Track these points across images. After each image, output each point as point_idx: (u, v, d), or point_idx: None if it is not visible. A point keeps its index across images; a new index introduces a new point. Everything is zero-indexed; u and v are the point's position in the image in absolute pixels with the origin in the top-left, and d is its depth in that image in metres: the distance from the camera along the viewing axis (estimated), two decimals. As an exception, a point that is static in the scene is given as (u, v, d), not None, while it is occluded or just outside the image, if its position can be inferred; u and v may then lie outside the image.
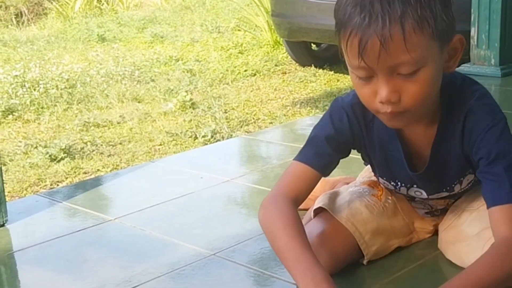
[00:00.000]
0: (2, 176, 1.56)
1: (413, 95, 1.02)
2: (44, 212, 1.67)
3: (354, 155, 1.29)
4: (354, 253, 1.29)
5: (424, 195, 1.28)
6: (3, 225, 1.58)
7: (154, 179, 1.92)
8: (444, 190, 1.25)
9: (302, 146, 1.23)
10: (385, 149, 1.20)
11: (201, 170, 1.94)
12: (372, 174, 1.42)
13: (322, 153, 1.18)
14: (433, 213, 1.36)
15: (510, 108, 2.47)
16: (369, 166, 1.47)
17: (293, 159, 1.20)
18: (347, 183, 1.49)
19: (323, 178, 1.64)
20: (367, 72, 1.02)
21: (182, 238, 1.47)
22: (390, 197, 1.35)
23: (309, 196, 1.55)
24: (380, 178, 1.32)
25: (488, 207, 1.08)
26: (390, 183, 1.28)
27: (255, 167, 1.97)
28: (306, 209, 1.46)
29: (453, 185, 1.24)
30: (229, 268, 1.33)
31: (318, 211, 1.31)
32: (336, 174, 1.53)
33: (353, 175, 1.56)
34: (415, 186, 1.26)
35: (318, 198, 1.36)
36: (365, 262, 1.29)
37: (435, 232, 1.37)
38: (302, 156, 1.19)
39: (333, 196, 1.34)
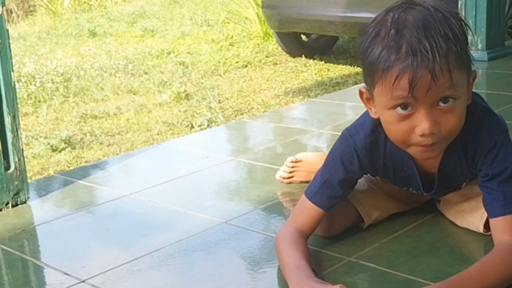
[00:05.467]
0: (23, 156, 1.66)
1: (452, 126, 1.13)
2: (63, 190, 1.78)
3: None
4: (354, 218, 1.41)
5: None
6: (25, 202, 1.68)
7: (163, 159, 2.03)
8: (452, 191, 1.38)
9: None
10: (399, 170, 1.31)
11: (206, 150, 2.06)
12: None
13: (334, 196, 1.29)
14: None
15: (497, 89, 2.62)
16: None
17: (306, 195, 1.30)
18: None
19: (323, 153, 1.77)
20: (407, 106, 1.10)
21: (195, 209, 1.59)
22: None
23: (310, 169, 1.68)
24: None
25: (489, 218, 1.22)
26: (402, 188, 1.39)
27: (256, 146, 2.09)
28: (308, 182, 1.57)
29: (461, 186, 1.36)
30: (241, 233, 1.45)
31: None
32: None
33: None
34: (426, 193, 1.37)
35: None
36: (364, 227, 1.42)
37: (431, 199, 1.49)
38: (316, 199, 1.28)
39: None
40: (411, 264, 1.25)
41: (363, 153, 1.27)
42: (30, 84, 4.65)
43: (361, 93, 1.22)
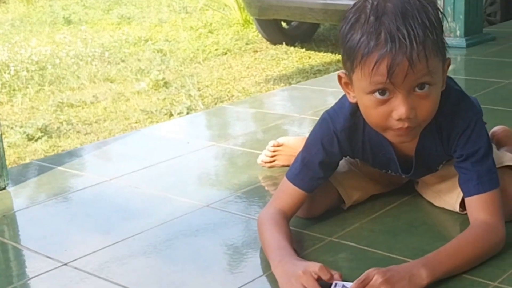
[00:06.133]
0: (2, 142, 1.64)
1: (427, 112, 1.16)
2: (42, 176, 1.76)
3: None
4: (335, 200, 1.43)
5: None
6: (4, 188, 1.66)
7: (142, 145, 2.02)
8: (429, 173, 1.41)
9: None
10: (378, 153, 1.34)
11: (186, 136, 2.05)
12: None
13: (315, 177, 1.31)
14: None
15: (475, 75, 2.66)
16: None
17: (287, 177, 1.31)
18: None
19: (304, 137, 1.78)
20: (385, 91, 1.13)
21: (176, 194, 1.59)
22: None
23: (291, 153, 1.69)
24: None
25: (464, 197, 1.26)
26: (381, 171, 1.42)
27: (237, 132, 2.10)
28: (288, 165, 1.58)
29: (437, 168, 1.39)
30: (222, 216, 1.46)
31: None
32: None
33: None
34: (404, 175, 1.40)
35: None
36: (345, 208, 1.44)
37: (409, 181, 1.52)
38: (298, 181, 1.30)
39: None
40: (390, 242, 1.28)
41: (342, 136, 1.29)
42: (4, 72, 4.58)
43: (339, 77, 1.24)
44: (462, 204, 1.33)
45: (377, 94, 1.14)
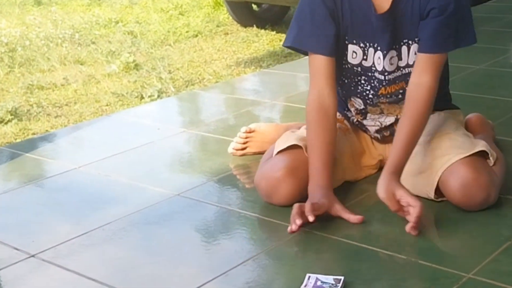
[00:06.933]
0: (-35, 129, 1.59)
1: None
2: (10, 163, 1.72)
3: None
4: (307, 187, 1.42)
5: (381, 59, 1.41)
6: (-31, 177, 1.62)
7: (113, 131, 1.99)
8: (395, 46, 1.40)
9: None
10: (356, 7, 1.37)
11: (157, 122, 2.02)
12: None
13: (328, 34, 1.37)
14: (382, 132, 1.50)
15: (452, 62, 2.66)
16: None
17: (309, 51, 1.39)
18: (299, 128, 1.61)
19: (276, 124, 1.77)
20: None
21: (147, 182, 1.56)
22: (343, 135, 1.50)
23: (263, 139, 1.67)
24: (350, 46, 1.42)
25: (419, 51, 1.33)
26: (359, 45, 1.41)
27: (208, 118, 2.07)
28: (262, 152, 1.57)
29: (402, 44, 1.39)
30: (194, 205, 1.44)
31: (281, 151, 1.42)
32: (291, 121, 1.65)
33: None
34: (378, 48, 1.39)
35: (278, 140, 1.46)
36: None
37: (380, 168, 1.52)
38: (312, 47, 1.39)
39: (295, 136, 1.45)
40: (364, 233, 1.27)
41: None
42: (-28, 54, 4.46)
43: None
44: (437, 192, 1.34)
45: None
